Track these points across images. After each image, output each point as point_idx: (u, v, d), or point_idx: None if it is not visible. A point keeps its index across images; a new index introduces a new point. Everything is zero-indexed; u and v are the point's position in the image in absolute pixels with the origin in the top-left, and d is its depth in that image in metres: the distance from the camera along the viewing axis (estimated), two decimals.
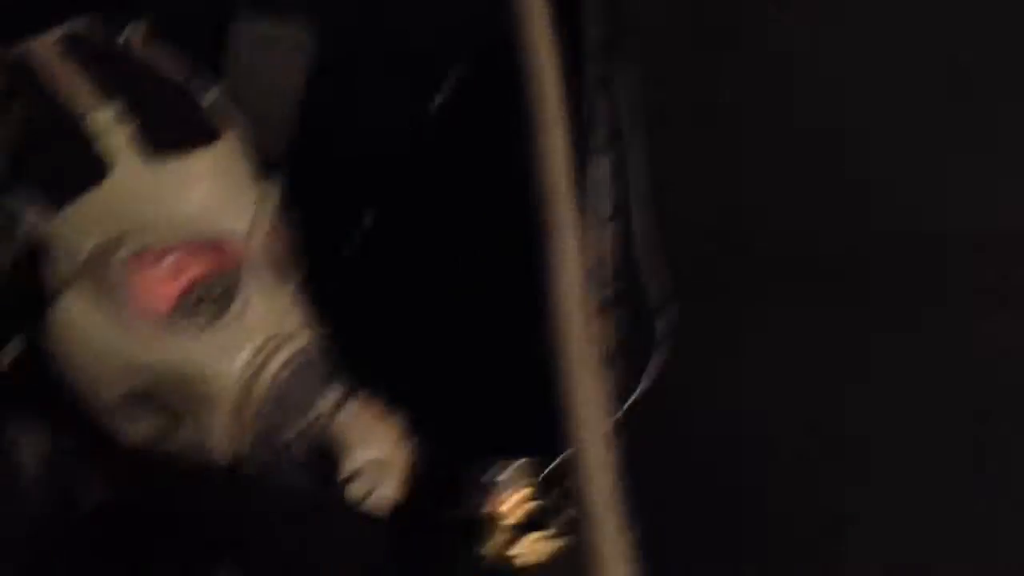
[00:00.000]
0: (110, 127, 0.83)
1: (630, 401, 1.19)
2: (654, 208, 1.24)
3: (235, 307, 0.85)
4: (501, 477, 1.01)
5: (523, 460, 1.03)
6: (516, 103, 0.99)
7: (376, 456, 1.00)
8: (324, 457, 0.96)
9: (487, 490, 1.01)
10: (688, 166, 1.27)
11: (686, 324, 1.24)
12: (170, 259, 0.84)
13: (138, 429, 0.86)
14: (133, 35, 0.92)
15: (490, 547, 0.98)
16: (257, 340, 0.85)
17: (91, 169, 0.82)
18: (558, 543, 0.99)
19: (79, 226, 0.83)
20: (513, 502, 1.01)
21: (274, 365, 0.85)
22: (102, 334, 0.83)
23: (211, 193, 0.85)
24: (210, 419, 0.84)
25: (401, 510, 1.03)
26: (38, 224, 0.83)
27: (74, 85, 0.84)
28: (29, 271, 0.84)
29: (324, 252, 1.39)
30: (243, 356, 0.85)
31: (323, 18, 1.26)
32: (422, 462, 1.05)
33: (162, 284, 0.85)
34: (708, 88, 1.24)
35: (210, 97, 0.90)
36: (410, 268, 1.38)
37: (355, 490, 0.97)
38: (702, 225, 1.27)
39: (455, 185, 1.34)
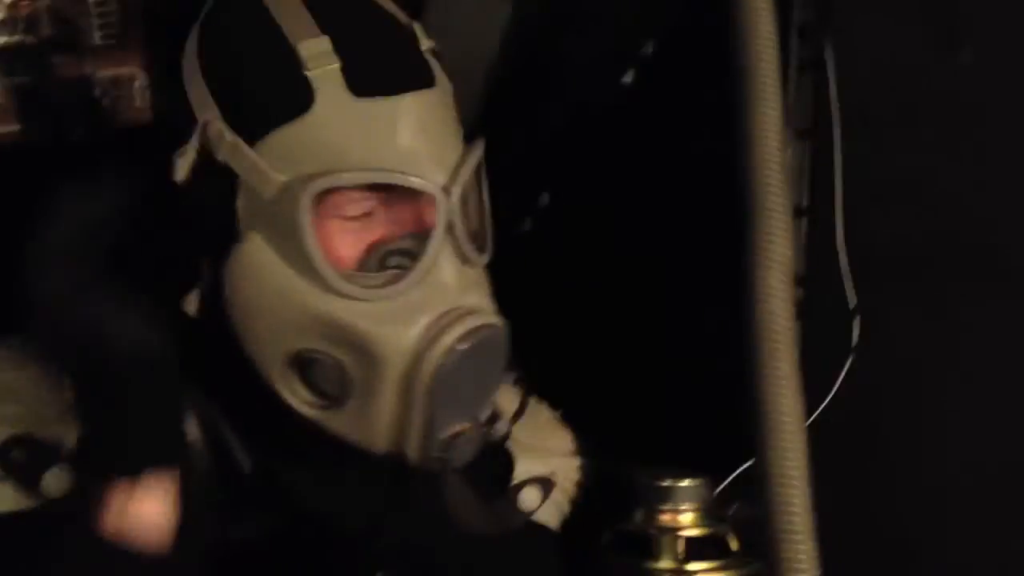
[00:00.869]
0: (321, 59, 0.77)
1: (819, 411, 1.11)
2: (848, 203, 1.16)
3: (421, 268, 0.78)
4: (678, 487, 0.95)
5: (697, 476, 0.97)
6: (715, 82, 0.93)
7: (549, 468, 0.96)
8: (496, 461, 0.93)
9: (661, 499, 0.95)
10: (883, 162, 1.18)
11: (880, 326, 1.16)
12: (364, 206, 0.79)
13: (302, 399, 0.80)
14: None
15: (663, 563, 0.93)
16: (439, 308, 0.78)
17: (295, 100, 0.77)
18: (734, 571, 0.94)
19: (275, 158, 0.77)
20: (688, 517, 0.96)
21: (449, 338, 0.77)
22: (283, 280, 0.78)
23: (415, 139, 0.78)
24: (377, 391, 0.77)
25: (571, 521, 1.00)
26: (236, 151, 0.78)
27: (292, 13, 0.79)
28: (222, 202, 0.79)
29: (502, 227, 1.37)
30: (422, 322, 0.77)
31: None
32: (594, 471, 1.02)
33: (351, 235, 0.79)
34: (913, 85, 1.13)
35: (428, 43, 0.83)
36: (588, 255, 1.34)
37: (526, 500, 0.93)
38: (892, 225, 1.17)
39: (645, 166, 1.29)
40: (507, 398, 0.97)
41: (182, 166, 0.80)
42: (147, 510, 0.77)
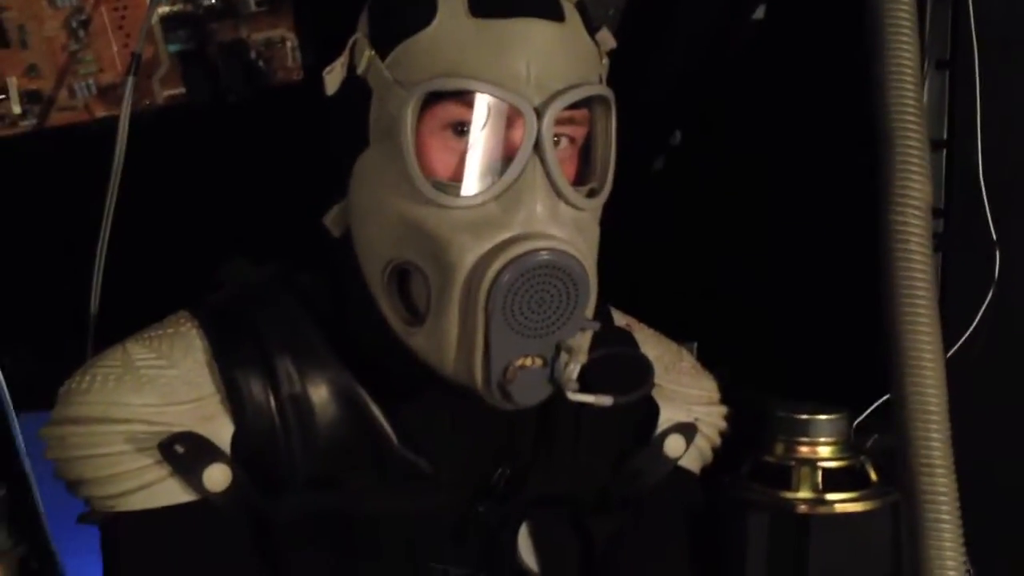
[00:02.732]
0: None
1: (960, 343, 1.11)
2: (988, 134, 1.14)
3: (502, 183, 0.78)
4: (816, 420, 0.97)
5: (836, 410, 0.98)
6: (847, 16, 0.92)
7: (692, 415, 0.98)
8: (641, 409, 0.96)
9: (799, 432, 0.97)
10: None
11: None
12: (465, 120, 0.79)
13: (397, 314, 0.82)
14: None
15: (801, 493, 0.95)
16: (517, 229, 0.78)
17: (419, 15, 0.80)
18: (872, 501, 0.96)
19: (398, 70, 0.80)
20: (826, 449, 0.97)
21: (509, 255, 0.76)
22: (386, 187, 0.81)
23: (519, 60, 0.78)
24: (446, 304, 0.78)
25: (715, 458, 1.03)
26: (371, 64, 0.82)
27: None
28: (359, 114, 0.83)
29: (630, 170, 1.38)
30: (494, 237, 0.77)
31: None
32: (736, 417, 1.03)
33: (448, 146, 0.80)
34: None
35: None
36: (720, 193, 1.35)
37: (670, 447, 0.96)
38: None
39: (776, 102, 1.29)
40: (656, 346, 1.00)
41: (331, 81, 0.85)
42: None
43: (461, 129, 0.80)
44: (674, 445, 0.97)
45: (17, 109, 1.06)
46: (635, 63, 1.26)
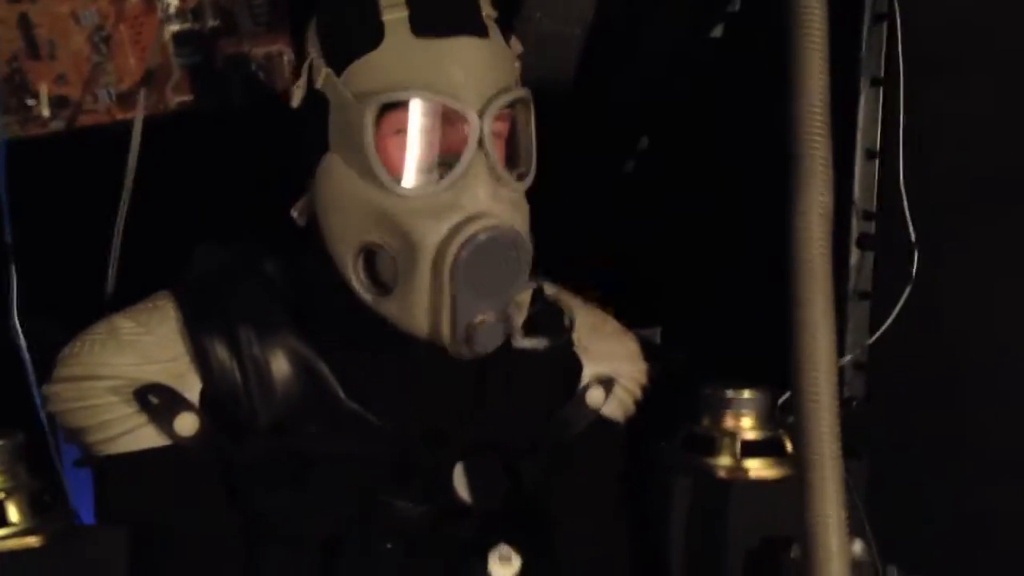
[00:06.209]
0: (393, 7, 0.95)
1: (878, 333, 1.23)
2: (918, 146, 1.26)
3: (454, 174, 0.94)
4: (739, 397, 1.09)
5: (758, 388, 1.09)
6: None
7: (612, 369, 1.13)
8: (566, 366, 1.11)
9: (724, 407, 1.09)
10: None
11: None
12: (417, 124, 0.94)
13: (365, 287, 0.97)
14: None
15: (722, 460, 1.07)
16: (468, 210, 0.93)
17: (370, 37, 0.95)
18: (784, 469, 1.06)
19: (353, 84, 0.95)
20: (748, 423, 1.09)
21: (467, 232, 0.92)
22: (351, 182, 0.95)
23: (459, 72, 0.94)
24: (415, 277, 0.93)
25: (640, 419, 1.16)
26: (328, 80, 0.96)
27: None
28: (319, 122, 0.97)
29: (603, 173, 1.51)
30: (451, 219, 0.93)
31: None
32: (663, 375, 1.16)
33: (401, 148, 0.94)
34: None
35: (490, 11, 0.99)
36: (685, 193, 1.48)
37: (591, 398, 1.11)
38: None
39: (735, 112, 1.40)
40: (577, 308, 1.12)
41: (296, 95, 1.00)
42: None
43: (414, 132, 0.95)
44: (595, 396, 1.12)
45: (46, 112, 1.20)
46: (601, 77, 1.39)
